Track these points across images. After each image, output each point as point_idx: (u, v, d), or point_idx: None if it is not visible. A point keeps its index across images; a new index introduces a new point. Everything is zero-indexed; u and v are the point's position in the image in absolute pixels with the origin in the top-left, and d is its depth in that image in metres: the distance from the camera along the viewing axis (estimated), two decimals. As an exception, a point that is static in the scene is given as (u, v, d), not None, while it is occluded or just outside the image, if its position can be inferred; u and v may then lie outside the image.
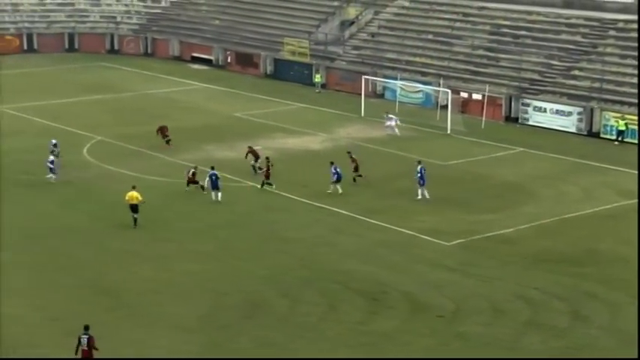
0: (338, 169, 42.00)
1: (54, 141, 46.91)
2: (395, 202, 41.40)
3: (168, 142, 49.50)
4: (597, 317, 29.78)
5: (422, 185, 41.50)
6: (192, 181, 42.13)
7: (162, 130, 50.00)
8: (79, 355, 25.49)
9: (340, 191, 41.90)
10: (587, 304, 30.70)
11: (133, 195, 37.60)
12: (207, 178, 41.21)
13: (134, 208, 37.55)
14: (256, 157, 45.43)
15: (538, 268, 33.74)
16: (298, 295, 31.22)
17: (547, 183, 44.39)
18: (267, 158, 43.68)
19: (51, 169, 43.51)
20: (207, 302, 30.62)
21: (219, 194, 41.19)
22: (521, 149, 51.05)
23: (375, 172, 44.86)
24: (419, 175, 41.37)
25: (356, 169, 43.66)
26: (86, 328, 25.76)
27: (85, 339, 25.47)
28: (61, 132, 53.61)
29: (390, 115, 54.19)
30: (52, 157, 44.23)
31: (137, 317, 29.26)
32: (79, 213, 39.78)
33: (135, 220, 37.58)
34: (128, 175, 43.53)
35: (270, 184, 42.48)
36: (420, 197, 41.33)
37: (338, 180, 41.96)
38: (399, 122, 53.85)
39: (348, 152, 45.01)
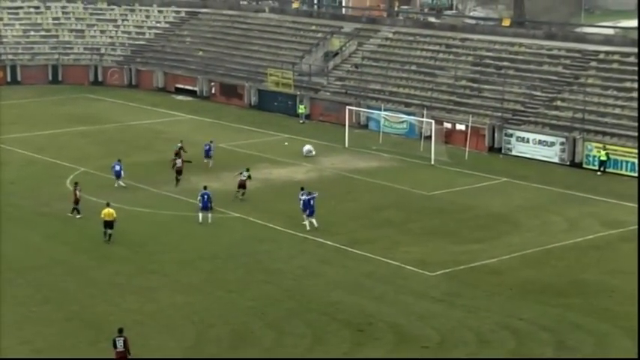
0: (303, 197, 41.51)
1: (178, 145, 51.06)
2: (380, 232, 41.48)
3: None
4: (582, 348, 29.87)
5: (310, 215, 40.94)
6: (77, 200, 42.60)
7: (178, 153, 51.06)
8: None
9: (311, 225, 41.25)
10: (572, 335, 30.77)
11: (108, 212, 39.21)
12: (199, 197, 41.98)
13: (109, 224, 39.11)
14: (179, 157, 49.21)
15: (523, 299, 33.84)
16: (284, 327, 31.16)
17: (531, 213, 44.60)
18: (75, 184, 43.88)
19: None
20: (192, 334, 30.52)
21: (209, 215, 41.66)
22: (505, 179, 51.33)
23: (361, 203, 44.94)
24: (303, 202, 40.94)
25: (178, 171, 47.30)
26: (120, 330, 27.36)
27: (120, 341, 26.89)
28: (45, 164, 53.56)
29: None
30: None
31: (122, 350, 29.06)
32: (63, 245, 39.64)
33: (109, 235, 39.07)
34: (112, 206, 43.35)
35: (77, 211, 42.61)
36: (309, 228, 40.75)
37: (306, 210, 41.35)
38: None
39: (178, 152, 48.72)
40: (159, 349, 29.32)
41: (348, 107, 61.41)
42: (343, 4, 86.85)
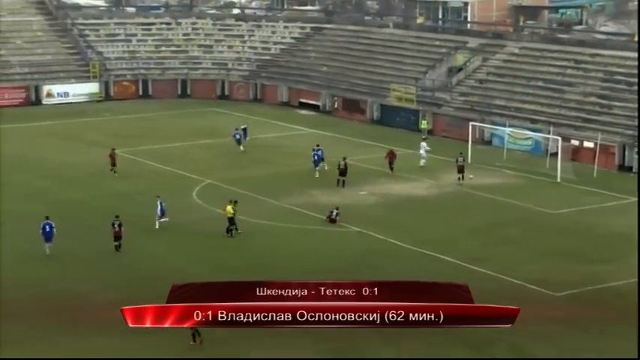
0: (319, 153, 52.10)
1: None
2: (501, 250, 40.64)
3: (392, 168, 54.11)
4: None
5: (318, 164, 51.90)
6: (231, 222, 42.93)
7: (390, 155, 54.51)
8: None
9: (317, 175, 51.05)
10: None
11: (229, 209, 42.29)
12: (157, 206, 43.44)
13: (231, 220, 42.23)
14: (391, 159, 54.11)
15: (651, 323, 32.42)
16: (401, 343, 30.84)
17: (662, 234, 42.77)
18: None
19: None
20: (309, 346, 30.53)
21: (165, 220, 43.26)
22: (635, 199, 49.43)
23: (482, 219, 44.19)
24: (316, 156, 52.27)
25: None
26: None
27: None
28: (172, 175, 54.89)
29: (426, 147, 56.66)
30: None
31: None
32: (185, 255, 40.43)
33: (229, 231, 42.09)
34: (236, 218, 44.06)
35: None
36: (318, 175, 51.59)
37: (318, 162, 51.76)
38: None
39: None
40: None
41: (471, 123, 60.60)
42: (468, 19, 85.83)
